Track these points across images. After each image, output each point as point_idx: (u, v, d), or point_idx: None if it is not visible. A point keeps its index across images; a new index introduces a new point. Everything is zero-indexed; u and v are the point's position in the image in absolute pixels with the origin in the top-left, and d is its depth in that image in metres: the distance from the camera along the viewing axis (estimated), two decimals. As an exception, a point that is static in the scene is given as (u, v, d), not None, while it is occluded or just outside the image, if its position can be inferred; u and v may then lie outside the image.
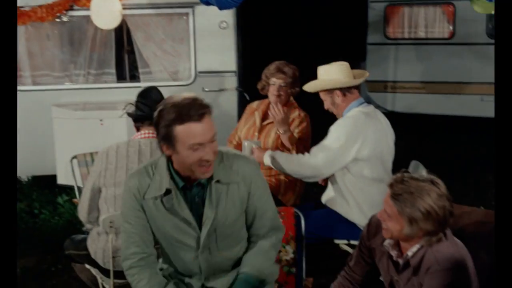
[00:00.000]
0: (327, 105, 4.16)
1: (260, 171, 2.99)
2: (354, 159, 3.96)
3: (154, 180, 2.83)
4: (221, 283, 2.97)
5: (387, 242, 2.83)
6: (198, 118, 2.63)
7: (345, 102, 4.10)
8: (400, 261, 2.79)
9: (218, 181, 2.82)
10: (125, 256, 2.97)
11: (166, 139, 2.69)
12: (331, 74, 4.09)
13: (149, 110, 3.91)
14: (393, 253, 2.82)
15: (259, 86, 4.79)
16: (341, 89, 4.07)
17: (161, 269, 3.07)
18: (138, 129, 3.96)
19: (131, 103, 4.01)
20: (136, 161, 3.78)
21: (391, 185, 2.71)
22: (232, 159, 2.88)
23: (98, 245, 3.79)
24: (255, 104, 4.94)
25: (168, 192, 2.82)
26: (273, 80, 4.64)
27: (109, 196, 3.76)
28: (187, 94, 2.72)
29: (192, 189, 2.85)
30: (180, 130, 2.64)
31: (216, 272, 2.98)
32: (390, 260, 2.86)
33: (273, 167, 4.17)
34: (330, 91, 4.10)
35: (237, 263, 3.00)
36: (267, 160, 4.15)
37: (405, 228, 2.66)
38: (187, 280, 3.02)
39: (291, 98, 4.75)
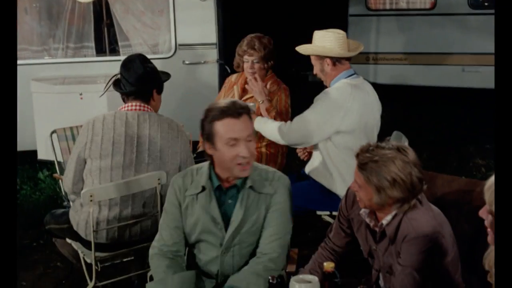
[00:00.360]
0: (316, 70, 4.15)
1: (289, 193, 3.02)
2: (337, 131, 3.95)
3: (195, 180, 3.00)
4: None
5: (362, 211, 2.83)
6: (237, 115, 2.83)
7: (335, 71, 4.08)
8: (377, 230, 2.79)
9: (251, 187, 2.95)
10: (154, 245, 3.10)
11: (208, 136, 2.88)
12: (326, 41, 4.06)
13: (130, 87, 3.85)
14: (369, 222, 2.82)
15: (234, 64, 4.77)
16: (332, 58, 4.05)
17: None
18: (124, 100, 3.91)
19: (116, 74, 3.95)
20: (123, 133, 3.74)
21: (357, 155, 2.73)
22: (269, 173, 3.03)
23: (81, 216, 3.75)
24: (233, 77, 4.90)
25: (204, 190, 2.96)
26: (246, 57, 4.61)
27: (94, 168, 3.72)
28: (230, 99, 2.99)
29: (227, 192, 2.99)
30: (219, 125, 2.84)
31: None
32: (368, 230, 2.87)
33: (261, 132, 4.20)
34: (321, 57, 4.07)
35: None
36: (256, 125, 4.15)
37: (374, 196, 2.67)
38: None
39: (269, 72, 4.71)
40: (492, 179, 2.08)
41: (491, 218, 2.08)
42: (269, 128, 4.14)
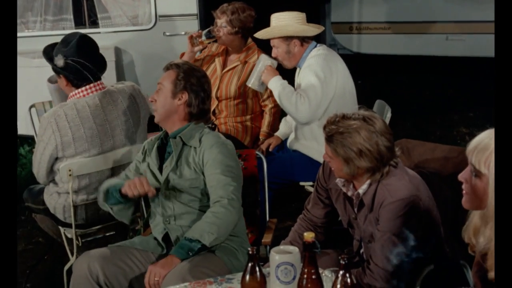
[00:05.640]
0: (279, 53, 4.07)
1: (222, 148, 3.09)
2: (334, 94, 3.94)
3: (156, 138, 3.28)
4: None
5: (338, 180, 2.83)
6: (165, 69, 3.27)
7: (301, 52, 4.06)
8: (354, 199, 2.78)
9: (181, 139, 3.12)
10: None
11: None
12: (288, 21, 4.02)
13: (100, 71, 3.69)
14: (346, 191, 2.81)
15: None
16: (299, 38, 4.00)
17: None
18: (74, 84, 3.66)
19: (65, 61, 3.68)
20: (93, 125, 3.59)
21: (324, 127, 2.71)
22: (203, 130, 3.17)
23: (58, 201, 3.70)
24: (214, 47, 4.79)
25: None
26: (216, 21, 4.55)
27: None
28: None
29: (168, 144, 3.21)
30: None
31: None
32: (346, 200, 2.86)
33: (274, 93, 4.04)
34: (287, 38, 4.02)
35: None
36: (272, 84, 4.01)
37: (344, 167, 2.68)
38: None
39: (249, 41, 4.62)
40: (475, 140, 2.04)
41: (478, 181, 2.03)
42: (287, 95, 3.95)
